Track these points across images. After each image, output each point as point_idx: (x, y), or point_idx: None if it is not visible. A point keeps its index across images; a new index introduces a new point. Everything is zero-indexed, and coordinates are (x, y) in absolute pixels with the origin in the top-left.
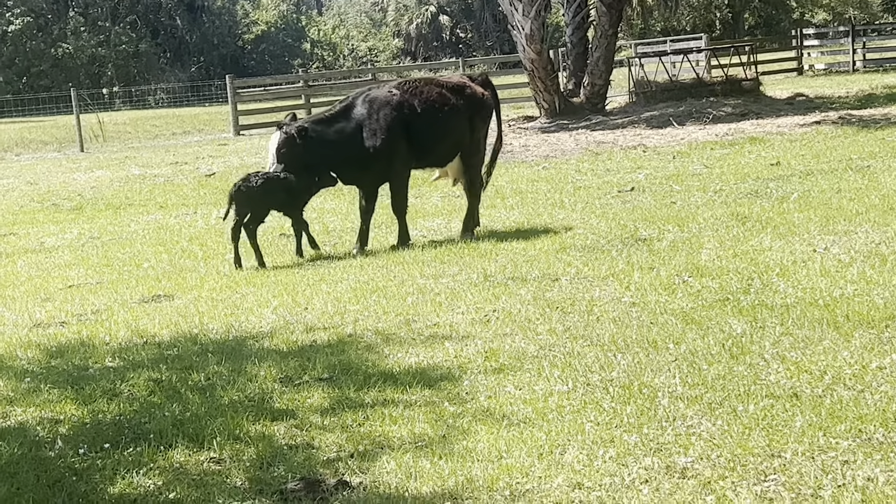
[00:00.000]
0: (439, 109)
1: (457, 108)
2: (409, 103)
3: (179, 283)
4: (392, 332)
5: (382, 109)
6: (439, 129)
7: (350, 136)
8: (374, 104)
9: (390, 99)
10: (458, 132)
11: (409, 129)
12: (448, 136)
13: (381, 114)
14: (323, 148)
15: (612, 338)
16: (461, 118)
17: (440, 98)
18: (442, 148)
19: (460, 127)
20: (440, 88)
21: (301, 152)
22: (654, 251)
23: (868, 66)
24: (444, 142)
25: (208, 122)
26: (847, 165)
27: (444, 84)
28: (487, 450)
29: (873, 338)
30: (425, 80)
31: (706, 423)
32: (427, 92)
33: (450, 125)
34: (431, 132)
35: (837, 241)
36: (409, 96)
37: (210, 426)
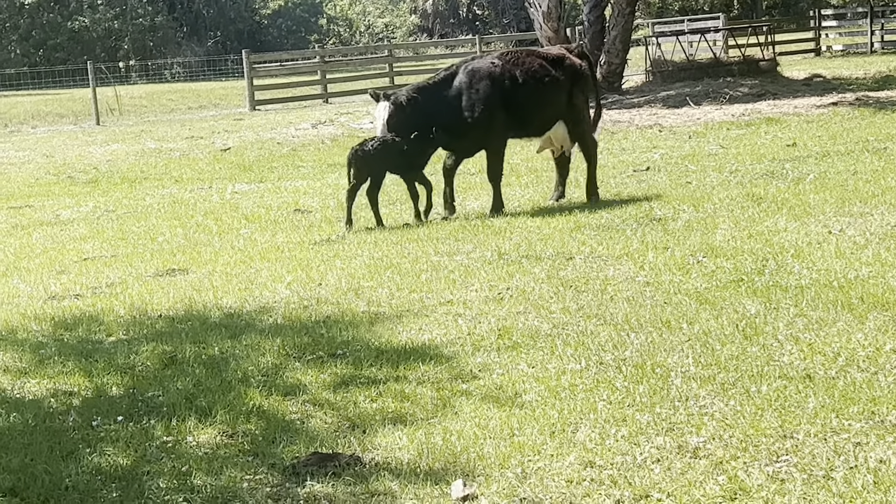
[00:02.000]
0: (540, 80)
1: (556, 79)
2: (510, 73)
3: (194, 257)
4: (405, 308)
5: (484, 79)
6: (538, 99)
7: (451, 104)
8: (475, 74)
9: (492, 69)
10: (556, 103)
11: (509, 98)
12: (547, 107)
13: (482, 83)
14: (426, 115)
15: (625, 317)
16: (560, 89)
17: (541, 69)
18: (540, 118)
19: (559, 97)
20: (541, 59)
21: (409, 120)
22: (669, 231)
23: (886, 47)
24: (542, 112)
25: (224, 97)
26: (864, 147)
27: (545, 55)
28: (499, 427)
29: (887, 320)
30: (526, 52)
31: (719, 403)
32: (528, 63)
33: (549, 96)
34: (530, 102)
35: (853, 223)
36: (511, 67)
37: (222, 400)
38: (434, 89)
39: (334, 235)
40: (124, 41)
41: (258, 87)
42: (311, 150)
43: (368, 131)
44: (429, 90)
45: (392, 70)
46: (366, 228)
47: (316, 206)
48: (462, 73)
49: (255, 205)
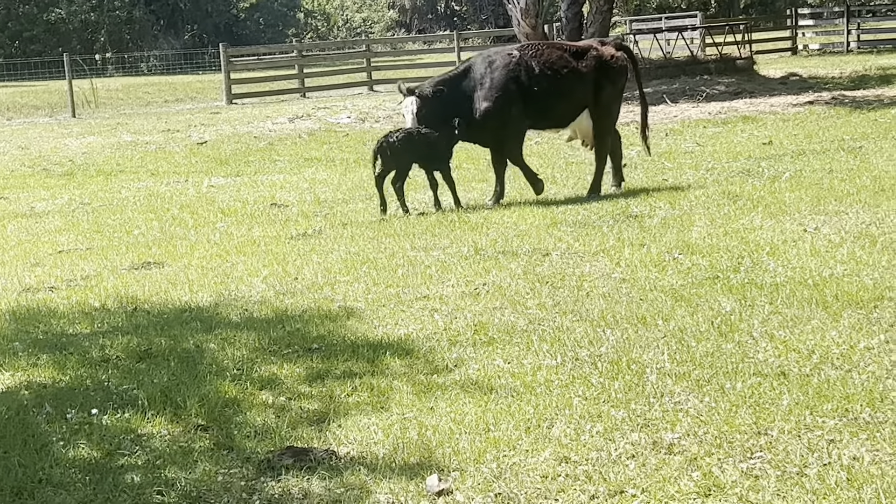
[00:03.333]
0: (557, 71)
1: (577, 70)
2: (527, 64)
3: (169, 250)
4: (382, 303)
5: (499, 70)
6: (556, 90)
7: (468, 96)
8: (492, 65)
9: (508, 61)
10: (578, 94)
11: (525, 89)
12: (566, 98)
13: (497, 74)
14: (451, 106)
15: (601, 313)
16: (583, 80)
17: (560, 60)
18: (560, 109)
19: (581, 89)
20: (561, 51)
21: (438, 111)
22: (645, 228)
23: (862, 47)
24: (561, 103)
25: (201, 91)
26: (839, 146)
27: (566, 47)
28: (475, 422)
29: (861, 318)
30: (548, 44)
31: (693, 399)
32: (547, 54)
33: (568, 87)
34: (547, 93)
35: (828, 222)
36: (528, 58)
37: (197, 393)
38: (453, 81)
39: (311, 230)
40: (101, 33)
41: (235, 81)
42: (288, 144)
43: (346, 126)
44: (447, 82)
45: (370, 65)
46: (341, 223)
47: (293, 200)
48: (480, 63)
49: (232, 198)
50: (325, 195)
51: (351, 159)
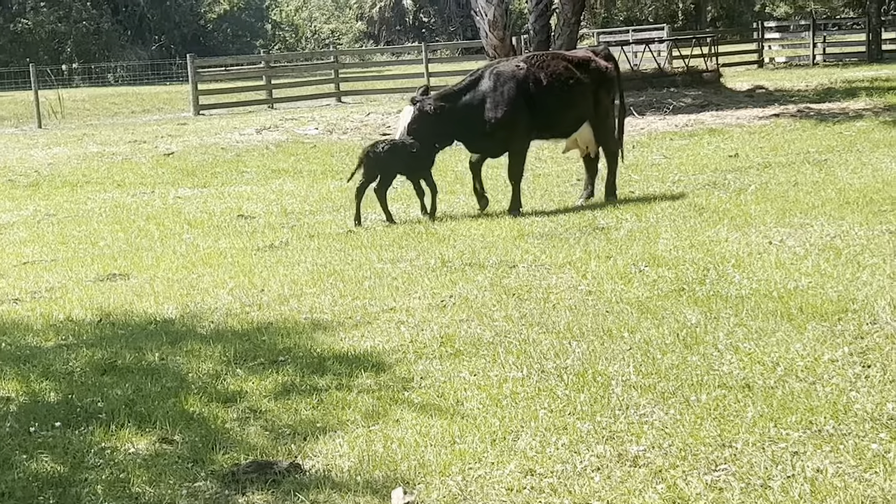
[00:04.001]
0: (564, 82)
1: (581, 82)
2: (535, 76)
3: (135, 262)
4: (348, 315)
5: (508, 82)
6: (563, 101)
7: (477, 108)
8: (500, 77)
9: (516, 73)
10: (581, 104)
11: (533, 101)
12: (572, 108)
13: (507, 87)
14: (453, 121)
15: (567, 325)
16: (586, 91)
17: (565, 72)
18: (565, 120)
19: (584, 99)
20: (566, 62)
21: (433, 126)
22: (612, 240)
23: (828, 60)
24: (567, 114)
25: (168, 101)
26: (804, 159)
27: (570, 58)
28: (441, 435)
29: (826, 330)
30: (552, 55)
31: (659, 411)
32: (553, 66)
33: (573, 98)
34: (555, 104)
35: (793, 234)
36: (535, 70)
37: (162, 406)
38: (459, 94)
39: (277, 241)
40: (67, 44)
41: (203, 92)
42: (256, 155)
43: (313, 137)
44: (454, 95)
45: (338, 76)
46: (308, 235)
47: (260, 211)
48: (487, 76)
49: (198, 210)
50: (293, 207)
51: (318, 171)
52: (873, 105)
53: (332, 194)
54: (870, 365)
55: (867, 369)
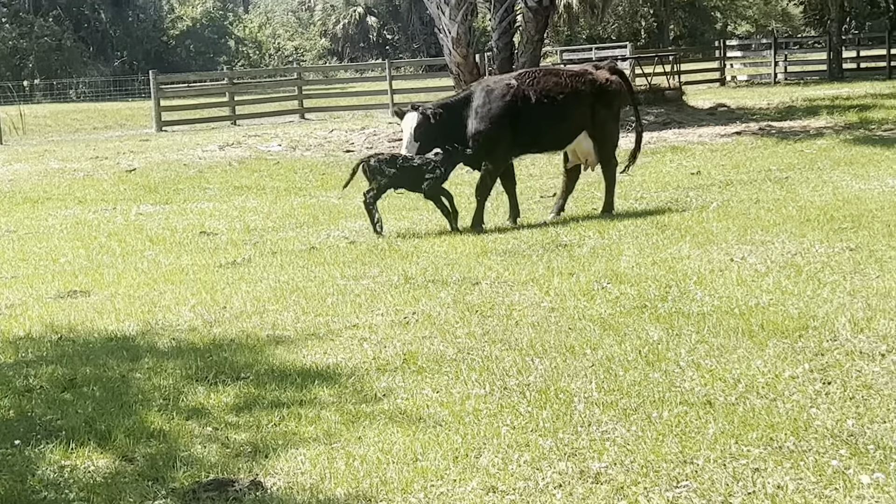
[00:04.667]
0: (554, 97)
1: (573, 94)
2: (524, 93)
3: (96, 279)
4: (311, 332)
5: (497, 99)
6: (552, 115)
7: (466, 121)
8: (491, 93)
9: (506, 89)
10: (575, 117)
11: (520, 118)
12: (563, 122)
13: (494, 102)
14: (447, 130)
15: (530, 342)
16: (579, 103)
17: (555, 86)
18: (556, 133)
19: (578, 112)
20: (557, 77)
21: (434, 132)
22: (575, 257)
23: (789, 78)
24: (558, 127)
25: (130, 118)
26: (766, 176)
27: (562, 72)
28: (403, 452)
29: (787, 347)
30: (544, 70)
31: (621, 428)
32: (543, 81)
33: (564, 111)
34: (544, 118)
35: (754, 251)
36: (525, 86)
37: (122, 424)
38: (453, 106)
39: (240, 258)
40: (29, 60)
41: (165, 108)
42: (218, 171)
43: (276, 154)
44: (448, 107)
45: (301, 93)
46: (271, 252)
47: (222, 228)
48: (479, 91)
49: (160, 226)
50: (255, 223)
51: (281, 187)
52: (834, 123)
53: (295, 211)
54: (830, 382)
55: (827, 386)
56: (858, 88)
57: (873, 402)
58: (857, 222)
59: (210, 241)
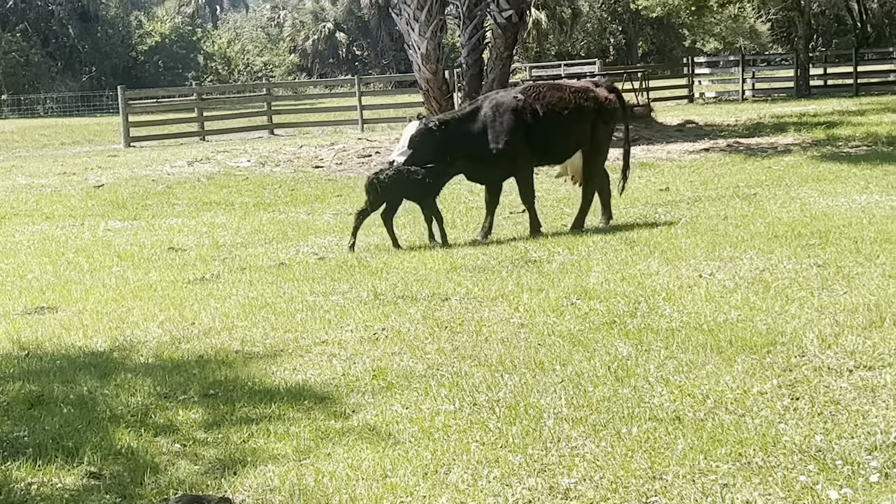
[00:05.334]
0: (560, 112)
1: (577, 110)
2: (532, 107)
3: (64, 295)
4: (280, 348)
5: (507, 113)
6: (558, 129)
7: (476, 136)
8: (499, 107)
9: (515, 104)
10: (577, 133)
11: (530, 130)
12: (567, 136)
13: (506, 117)
14: (453, 144)
15: (499, 358)
16: (582, 120)
17: (561, 102)
18: (561, 147)
19: (580, 128)
20: (562, 93)
21: (435, 145)
22: (544, 273)
23: (757, 95)
24: (563, 141)
25: (99, 133)
26: (734, 192)
27: (567, 88)
28: (372, 468)
29: (755, 363)
30: (549, 85)
31: (590, 444)
32: (549, 96)
33: (569, 126)
34: (550, 132)
35: (723, 267)
36: (532, 100)
37: (90, 440)
38: (461, 120)
39: (209, 274)
40: None
41: (133, 124)
42: (187, 187)
43: (245, 169)
44: (456, 121)
45: (270, 109)
46: (240, 268)
47: (191, 244)
48: (487, 105)
49: (129, 242)
50: (224, 239)
51: (250, 203)
52: (801, 140)
53: (265, 227)
54: (798, 397)
55: (795, 402)
56: (825, 105)
57: (841, 417)
58: (824, 238)
59: (179, 257)
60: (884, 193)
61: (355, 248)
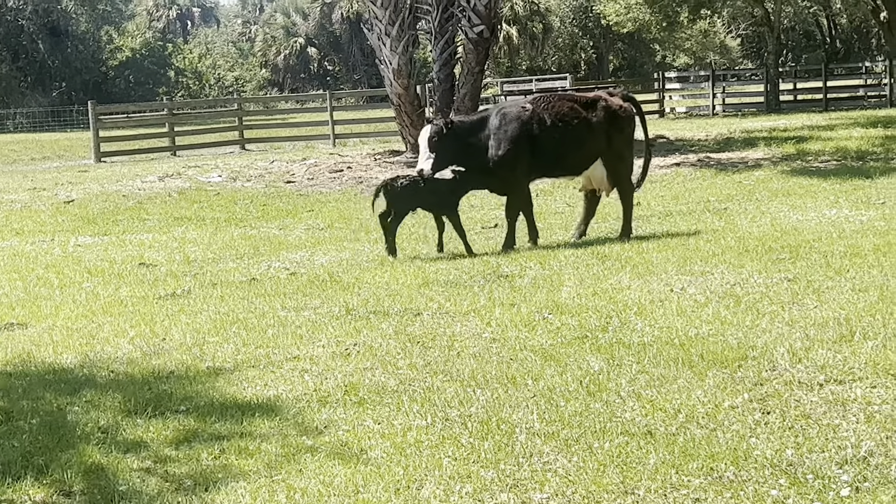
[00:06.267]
0: (569, 122)
1: (588, 121)
2: (539, 117)
3: (33, 311)
4: (251, 364)
5: (513, 122)
6: (569, 140)
7: (482, 144)
8: (506, 117)
9: (521, 113)
10: (590, 144)
11: (536, 141)
12: (579, 148)
13: (511, 126)
14: (461, 148)
15: (471, 373)
16: (594, 130)
17: (570, 111)
18: (573, 158)
19: (593, 139)
20: (572, 103)
21: (451, 143)
22: (516, 288)
23: (727, 110)
24: (574, 153)
25: (69, 148)
26: (705, 207)
27: (577, 99)
28: (344, 485)
29: (726, 377)
30: (559, 96)
31: (562, 459)
32: (558, 106)
33: (580, 137)
34: (561, 143)
35: (694, 282)
36: (541, 111)
37: (60, 457)
38: (471, 127)
39: (180, 289)
40: None
41: (104, 139)
42: (158, 203)
43: (216, 184)
44: (466, 125)
45: (242, 124)
46: (211, 283)
47: (161, 259)
48: (495, 115)
49: (99, 258)
50: (195, 254)
51: (222, 218)
52: (771, 155)
53: (236, 242)
54: (769, 411)
55: (767, 416)
56: (795, 120)
57: (812, 431)
58: (794, 253)
59: (149, 272)
60: (853, 208)
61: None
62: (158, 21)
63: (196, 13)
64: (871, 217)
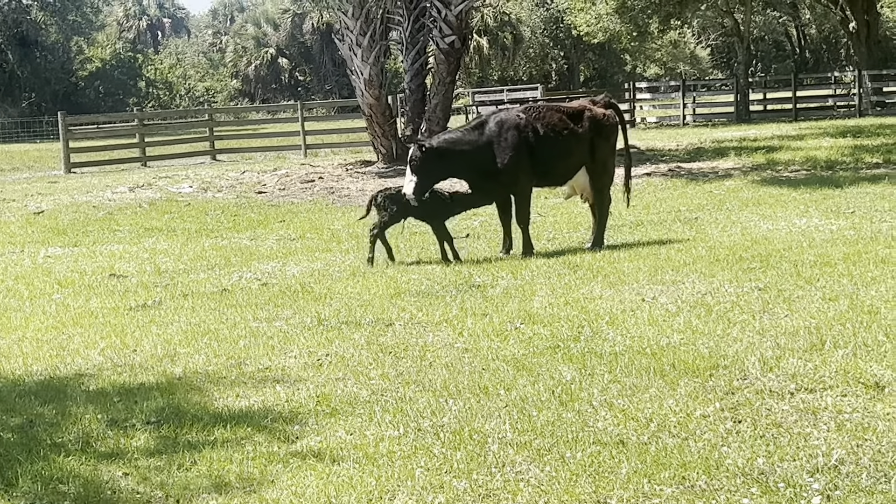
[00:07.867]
0: (559, 132)
1: (575, 132)
2: (532, 126)
3: (3, 322)
4: (222, 375)
5: (511, 128)
6: (558, 149)
7: (477, 153)
8: (504, 123)
9: (517, 122)
10: (577, 154)
11: (531, 149)
12: (567, 158)
13: (510, 133)
14: (454, 160)
15: (444, 383)
16: (581, 140)
17: (559, 122)
18: (561, 168)
19: (580, 149)
20: (560, 113)
21: (433, 163)
22: (488, 298)
23: (698, 120)
24: (562, 163)
25: (39, 159)
26: (676, 217)
27: (565, 109)
28: (317, 495)
29: (698, 386)
30: (548, 106)
31: (535, 469)
32: (548, 116)
33: (568, 147)
34: (551, 152)
35: (665, 291)
36: (532, 119)
37: (31, 470)
38: (461, 138)
39: (150, 301)
40: None
41: (74, 150)
42: (129, 213)
43: (187, 195)
44: (458, 138)
45: (213, 134)
46: (182, 294)
47: (132, 270)
48: (491, 123)
49: (69, 269)
50: (166, 265)
51: (193, 229)
52: (742, 164)
53: (207, 253)
54: (740, 420)
55: (738, 424)
56: (765, 130)
57: (783, 440)
58: (765, 262)
59: (120, 283)
60: (823, 217)
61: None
62: (129, 32)
63: (167, 24)
64: (841, 226)
